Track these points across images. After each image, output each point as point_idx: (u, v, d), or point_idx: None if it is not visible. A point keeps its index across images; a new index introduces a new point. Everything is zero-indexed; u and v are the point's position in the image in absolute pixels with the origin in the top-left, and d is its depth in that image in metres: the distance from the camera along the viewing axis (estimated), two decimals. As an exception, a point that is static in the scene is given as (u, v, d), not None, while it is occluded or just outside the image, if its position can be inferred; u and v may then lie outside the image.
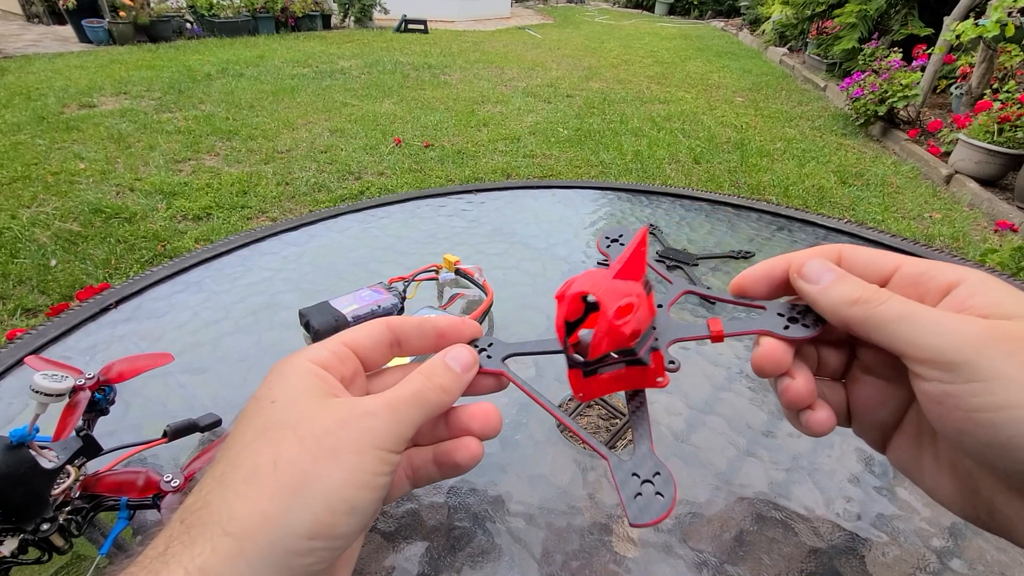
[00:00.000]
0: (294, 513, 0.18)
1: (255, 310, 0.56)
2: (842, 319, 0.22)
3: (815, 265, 0.23)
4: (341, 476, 0.20)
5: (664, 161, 3.23)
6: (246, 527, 0.18)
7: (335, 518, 0.19)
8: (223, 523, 0.18)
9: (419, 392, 0.23)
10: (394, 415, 0.22)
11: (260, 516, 0.18)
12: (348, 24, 7.15)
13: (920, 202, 2.86)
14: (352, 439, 0.21)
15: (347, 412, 0.21)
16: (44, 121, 3.28)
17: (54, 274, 1.95)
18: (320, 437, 0.20)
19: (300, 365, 0.23)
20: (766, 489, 0.38)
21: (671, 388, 0.47)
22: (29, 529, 0.28)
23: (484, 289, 0.56)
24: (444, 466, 0.26)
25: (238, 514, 0.18)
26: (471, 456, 0.25)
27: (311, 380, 0.22)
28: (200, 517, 0.19)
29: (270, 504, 0.18)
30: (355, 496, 0.20)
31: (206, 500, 0.19)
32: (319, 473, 0.19)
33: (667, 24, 9.42)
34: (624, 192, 0.85)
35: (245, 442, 0.20)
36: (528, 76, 5.08)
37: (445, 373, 0.24)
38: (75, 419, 0.32)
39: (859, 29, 4.65)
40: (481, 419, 0.26)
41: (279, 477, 0.19)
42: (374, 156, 3.09)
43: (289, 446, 0.20)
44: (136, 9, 5.39)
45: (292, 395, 0.22)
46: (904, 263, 0.23)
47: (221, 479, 0.19)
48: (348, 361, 0.25)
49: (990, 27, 2.86)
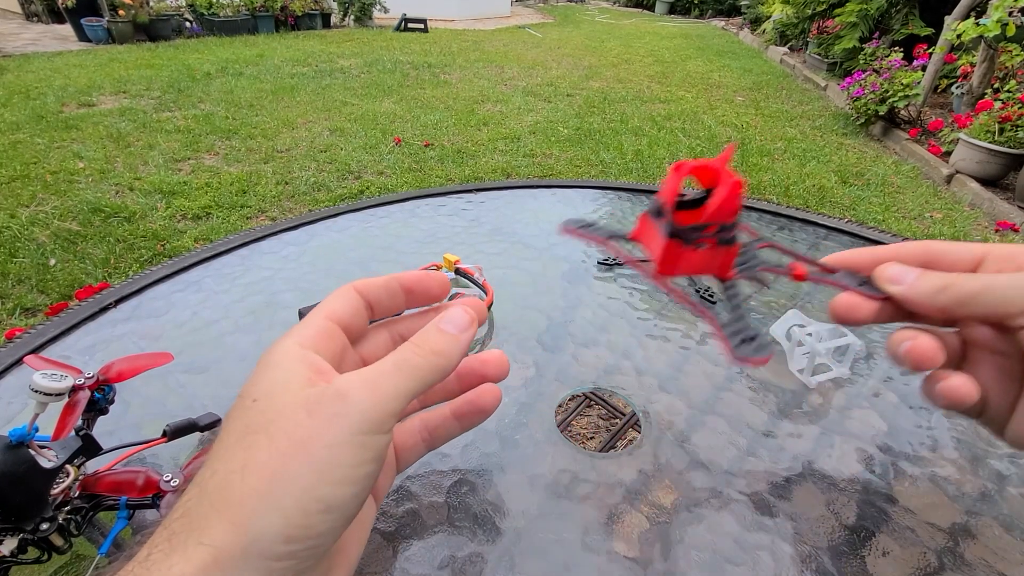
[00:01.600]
0: (264, 518, 0.18)
1: (255, 309, 0.56)
2: (937, 307, 0.24)
3: (896, 268, 0.25)
4: (313, 475, 0.19)
5: (664, 160, 3.23)
6: (217, 536, 0.18)
7: (309, 519, 0.18)
8: (198, 532, 0.18)
9: (405, 360, 0.22)
10: (375, 391, 0.20)
11: (230, 524, 0.18)
12: (348, 23, 7.14)
13: (921, 202, 2.86)
14: (322, 429, 0.19)
15: (316, 399, 0.20)
16: (43, 120, 3.28)
17: (53, 273, 1.94)
18: (290, 432, 0.19)
19: (286, 352, 0.22)
20: (767, 489, 0.38)
21: (672, 388, 0.47)
22: (28, 528, 0.28)
23: (484, 288, 0.56)
24: (466, 416, 0.25)
25: (210, 523, 0.18)
26: (495, 399, 0.25)
27: (295, 368, 0.21)
28: (181, 525, 0.18)
29: (239, 511, 0.18)
30: (330, 494, 0.19)
31: (186, 508, 0.19)
32: (288, 473, 0.18)
33: (667, 23, 9.42)
34: (624, 191, 0.84)
35: (226, 446, 0.20)
36: (528, 75, 5.08)
37: (437, 336, 0.23)
38: (74, 418, 0.32)
39: (860, 28, 4.65)
40: (494, 363, 0.26)
41: (247, 482, 0.18)
42: (374, 155, 3.09)
43: (260, 448, 0.19)
44: (135, 8, 5.38)
45: (272, 390, 0.21)
46: (991, 251, 0.25)
47: (201, 486, 0.19)
48: (335, 336, 0.24)
49: (991, 26, 2.86)
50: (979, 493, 0.39)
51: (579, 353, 0.51)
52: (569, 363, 0.50)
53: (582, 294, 0.59)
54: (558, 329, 0.54)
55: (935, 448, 0.42)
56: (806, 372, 0.47)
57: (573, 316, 0.56)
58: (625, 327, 0.55)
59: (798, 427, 0.44)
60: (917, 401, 0.46)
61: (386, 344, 0.27)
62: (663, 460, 0.40)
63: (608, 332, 0.54)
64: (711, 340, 0.53)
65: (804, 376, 0.48)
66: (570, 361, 0.50)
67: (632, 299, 0.59)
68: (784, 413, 0.45)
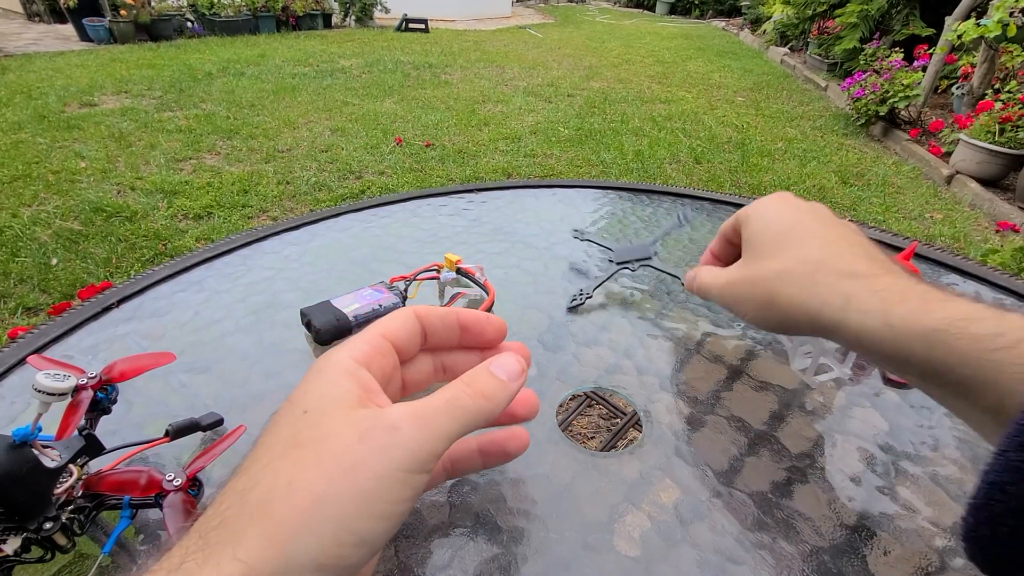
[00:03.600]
0: (301, 542, 0.17)
1: (256, 309, 0.56)
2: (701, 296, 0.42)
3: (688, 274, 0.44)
4: (355, 504, 0.18)
5: (665, 161, 3.23)
6: (253, 552, 0.17)
7: (342, 550, 0.18)
8: (233, 545, 0.18)
9: (454, 399, 0.21)
10: (424, 428, 0.20)
11: (268, 541, 0.18)
12: (349, 23, 7.14)
13: (921, 202, 2.86)
14: (372, 459, 0.19)
15: (369, 425, 0.20)
16: (45, 120, 3.29)
17: (55, 273, 1.95)
18: (340, 457, 0.19)
19: (338, 364, 0.22)
20: (768, 488, 0.38)
21: (672, 387, 0.47)
22: (32, 528, 0.28)
23: (485, 288, 0.56)
24: (492, 455, 0.25)
25: (248, 538, 0.18)
26: (522, 444, 0.25)
27: (345, 384, 0.21)
28: (217, 535, 0.18)
29: (279, 528, 0.18)
30: (367, 528, 0.18)
31: (224, 517, 0.19)
32: (332, 498, 0.18)
33: (668, 24, 9.42)
34: (625, 191, 0.84)
35: (272, 456, 0.20)
36: (529, 75, 5.08)
37: (488, 379, 0.23)
38: (77, 418, 0.32)
39: (860, 29, 4.65)
40: (524, 403, 0.26)
41: (291, 501, 0.18)
42: (375, 155, 3.09)
43: (308, 467, 0.19)
44: (137, 8, 5.39)
45: (322, 405, 0.21)
46: None
47: (241, 495, 0.19)
48: (388, 355, 0.24)
49: (992, 27, 2.86)
50: (980, 493, 0.39)
51: (580, 352, 0.51)
52: (570, 362, 0.50)
53: (583, 294, 0.59)
54: (559, 329, 0.54)
55: (936, 447, 0.42)
56: (808, 372, 0.47)
57: (574, 316, 0.56)
58: (626, 326, 0.55)
59: (799, 426, 0.44)
60: (918, 401, 0.46)
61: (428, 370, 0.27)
62: (664, 459, 0.40)
63: (609, 331, 0.54)
64: (711, 340, 0.53)
65: (807, 376, 0.48)
66: (571, 360, 0.50)
67: (633, 298, 0.59)
68: (785, 412, 0.45)
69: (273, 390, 0.46)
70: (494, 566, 0.33)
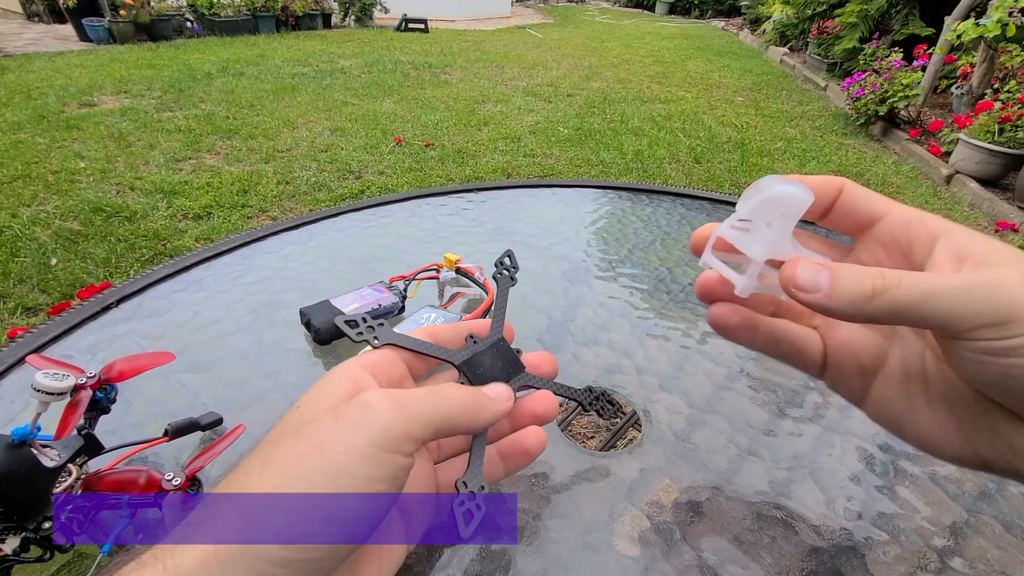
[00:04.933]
0: (266, 517, 0.17)
1: (256, 309, 0.56)
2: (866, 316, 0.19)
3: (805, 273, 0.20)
4: (323, 479, 0.18)
5: (665, 160, 3.23)
6: (221, 529, 0.18)
7: (309, 526, 0.17)
8: (208, 522, 0.18)
9: (439, 389, 0.22)
10: (399, 408, 0.20)
11: (238, 516, 0.18)
12: (348, 23, 7.14)
13: (921, 202, 2.86)
14: (342, 434, 0.19)
15: (344, 403, 0.20)
16: (44, 120, 3.28)
17: (55, 273, 1.94)
18: (314, 435, 0.19)
19: (343, 368, 0.23)
20: (767, 488, 0.38)
21: (671, 387, 0.47)
22: (31, 527, 0.28)
23: (484, 288, 0.56)
24: (511, 457, 0.26)
25: (220, 516, 0.18)
26: (540, 443, 0.26)
27: (343, 383, 0.22)
28: (197, 515, 0.19)
29: (248, 503, 0.18)
30: (336, 504, 0.18)
31: (207, 501, 0.19)
32: (302, 474, 0.18)
33: (668, 23, 9.41)
34: (625, 191, 0.85)
35: (260, 444, 0.21)
36: (528, 75, 5.08)
37: (476, 391, 0.24)
38: (76, 418, 0.32)
39: (860, 29, 4.65)
40: (543, 402, 0.27)
41: (263, 478, 0.18)
42: (374, 155, 3.09)
43: (285, 447, 0.19)
44: (136, 8, 5.38)
45: (316, 399, 0.22)
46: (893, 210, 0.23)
47: (227, 480, 0.20)
48: (396, 365, 0.24)
49: (991, 27, 2.86)
50: (979, 492, 0.39)
51: (580, 352, 0.51)
52: (570, 362, 0.50)
53: (583, 293, 0.60)
54: (559, 328, 0.54)
55: (935, 447, 0.42)
56: None
57: (574, 315, 0.56)
58: (626, 326, 0.55)
59: (798, 426, 0.44)
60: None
61: None
62: (664, 459, 0.40)
63: (609, 331, 0.54)
64: (711, 339, 0.53)
65: None
66: (571, 360, 0.50)
67: (632, 298, 0.59)
68: (784, 412, 0.45)
69: (272, 389, 0.46)
70: (494, 566, 0.33)
